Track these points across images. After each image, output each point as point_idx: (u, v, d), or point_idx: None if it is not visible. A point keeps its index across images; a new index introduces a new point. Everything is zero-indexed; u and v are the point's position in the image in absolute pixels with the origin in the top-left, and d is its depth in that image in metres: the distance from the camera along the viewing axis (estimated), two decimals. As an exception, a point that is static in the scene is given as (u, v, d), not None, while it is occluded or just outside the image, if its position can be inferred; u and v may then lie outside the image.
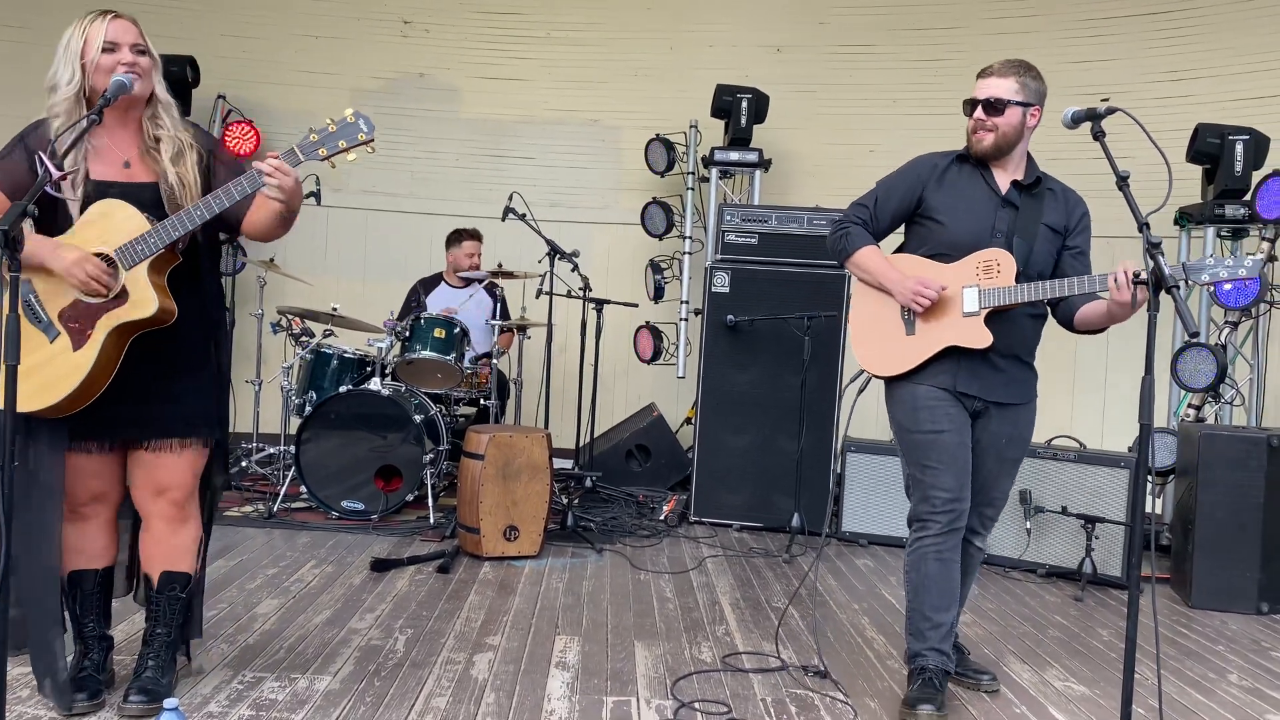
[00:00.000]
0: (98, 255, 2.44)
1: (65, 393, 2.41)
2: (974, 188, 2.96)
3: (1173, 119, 5.51)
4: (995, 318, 2.86)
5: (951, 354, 2.89)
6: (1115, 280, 2.61)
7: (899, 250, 3.08)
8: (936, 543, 2.89)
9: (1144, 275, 2.43)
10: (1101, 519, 4.35)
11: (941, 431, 2.89)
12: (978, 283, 2.86)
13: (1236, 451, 4.21)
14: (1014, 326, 2.91)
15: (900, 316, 2.96)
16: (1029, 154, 3.00)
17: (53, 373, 2.42)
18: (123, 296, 2.45)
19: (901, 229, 3.11)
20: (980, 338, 2.84)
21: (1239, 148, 5.29)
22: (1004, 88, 2.90)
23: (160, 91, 2.61)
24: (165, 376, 2.59)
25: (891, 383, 3.01)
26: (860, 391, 3.08)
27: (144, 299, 2.44)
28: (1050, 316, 3.00)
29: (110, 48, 2.49)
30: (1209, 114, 5.55)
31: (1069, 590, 4.34)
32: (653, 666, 3.15)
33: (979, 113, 2.92)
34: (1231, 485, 4.19)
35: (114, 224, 2.45)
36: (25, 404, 2.36)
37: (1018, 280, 2.83)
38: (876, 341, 3.01)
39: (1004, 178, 2.96)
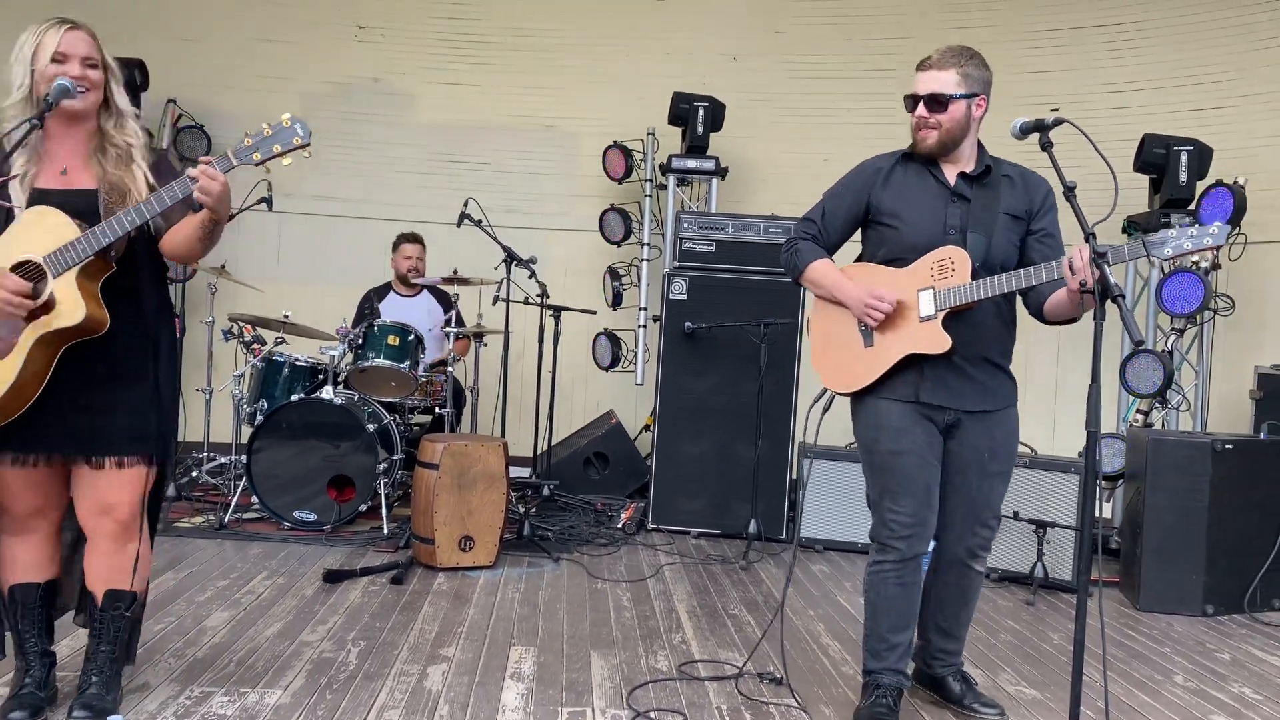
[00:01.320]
0: (26, 263, 2.39)
1: None
2: (922, 185, 2.83)
3: (1121, 129, 5.63)
4: (957, 320, 2.72)
5: (915, 363, 2.76)
6: (1070, 265, 2.48)
7: (859, 258, 2.97)
8: (897, 568, 2.80)
9: (1090, 285, 2.41)
10: (1052, 524, 4.41)
11: (902, 453, 2.77)
12: (933, 284, 2.73)
13: (1182, 456, 4.28)
14: (979, 328, 2.78)
15: (858, 328, 2.84)
16: (979, 143, 2.87)
17: None
18: (50, 304, 2.39)
19: (858, 236, 2.99)
20: (938, 342, 2.71)
21: (1184, 158, 5.41)
22: (945, 81, 2.75)
23: (121, 102, 2.57)
24: (99, 390, 2.52)
25: (856, 397, 2.89)
26: (825, 410, 2.97)
27: (71, 307, 2.39)
28: (1025, 312, 2.88)
29: (59, 59, 2.47)
30: (1156, 125, 5.67)
31: (1021, 595, 4.40)
32: (609, 676, 3.14)
33: (921, 110, 2.77)
34: (1178, 490, 4.26)
35: (43, 230, 2.40)
36: None
37: (975, 277, 2.69)
38: (835, 357, 2.89)
39: (952, 171, 2.83)
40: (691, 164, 6.38)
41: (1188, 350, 5.69)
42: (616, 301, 6.47)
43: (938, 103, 2.74)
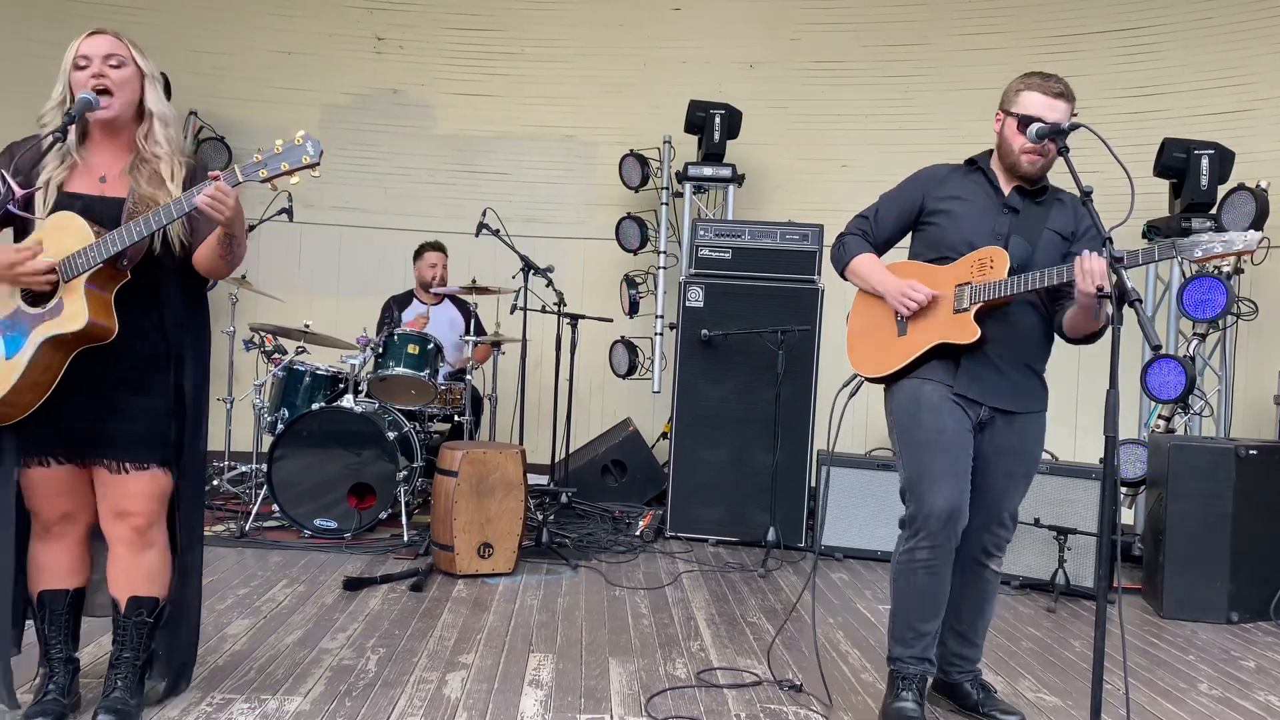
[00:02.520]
0: None
1: None
2: (976, 192, 2.90)
3: (1141, 134, 5.60)
4: (996, 319, 2.77)
5: (949, 355, 2.81)
6: (1080, 267, 2.52)
7: (909, 258, 3.03)
8: (928, 556, 2.77)
9: (1108, 289, 2.41)
10: (1073, 530, 4.38)
11: (943, 430, 2.76)
12: (970, 280, 2.78)
13: (1205, 462, 4.25)
14: (1016, 330, 2.82)
15: (894, 319, 2.92)
16: None
17: None
18: (59, 308, 2.42)
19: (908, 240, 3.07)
20: (967, 333, 2.75)
21: (1205, 162, 5.37)
22: (1068, 114, 2.75)
23: (155, 105, 2.59)
24: (114, 395, 2.54)
25: (892, 383, 2.93)
26: (851, 395, 3.02)
27: (75, 312, 2.41)
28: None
29: (82, 63, 2.51)
30: (1177, 129, 5.63)
31: (1042, 602, 4.37)
32: (627, 683, 3.13)
33: (1047, 140, 2.72)
34: (1201, 495, 4.23)
35: (63, 235, 2.43)
36: None
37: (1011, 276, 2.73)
38: (868, 344, 2.98)
39: (1008, 183, 2.89)
40: (708, 171, 6.38)
41: (1210, 355, 5.64)
42: (633, 309, 6.48)
43: (1062, 135, 2.70)
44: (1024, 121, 2.76)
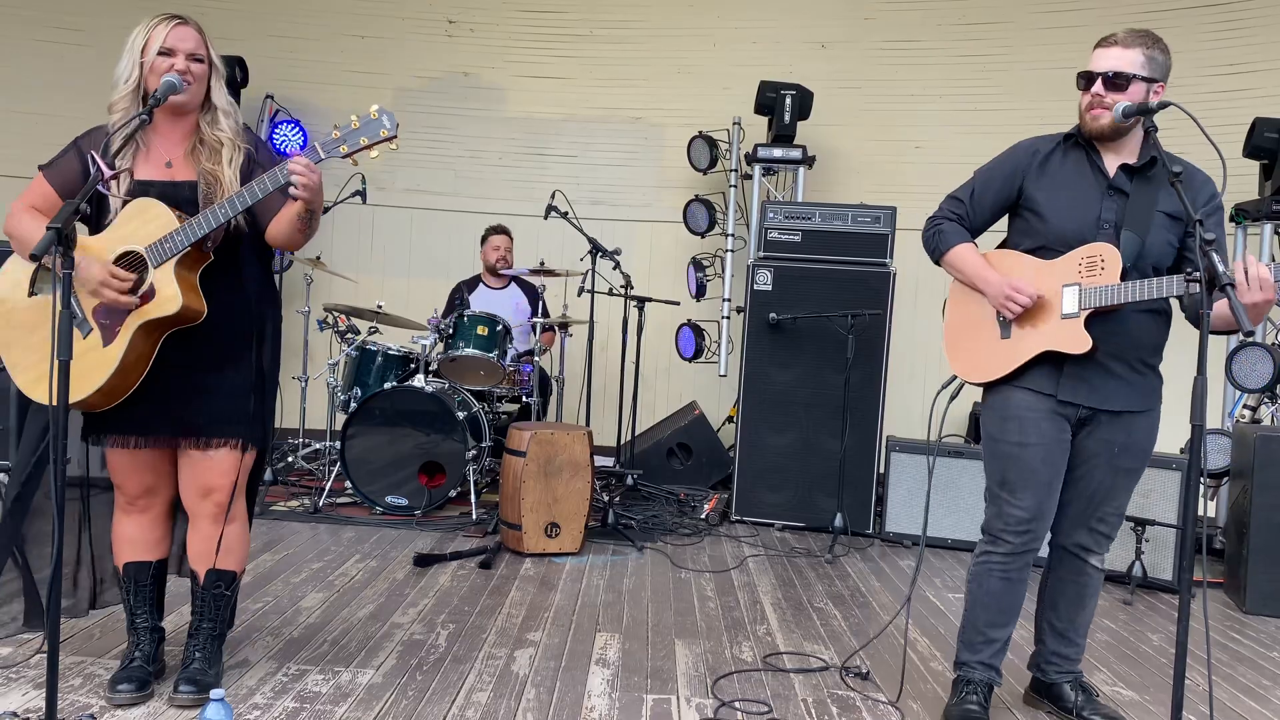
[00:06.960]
0: (129, 253, 2.48)
1: (94, 387, 2.46)
2: (1078, 174, 2.68)
3: (1230, 113, 5.40)
4: (1102, 319, 2.58)
5: (1054, 358, 2.64)
6: (1245, 274, 2.31)
7: (1003, 244, 2.85)
8: (1004, 562, 2.71)
9: (1196, 274, 2.30)
10: (1152, 521, 4.26)
11: (1026, 445, 2.66)
12: (1079, 281, 2.59)
13: (1293, 454, 4.10)
14: (1127, 326, 2.63)
15: (995, 318, 2.73)
16: (1145, 132, 2.65)
17: (84, 367, 2.46)
18: (150, 294, 2.48)
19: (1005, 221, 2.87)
20: (1079, 342, 2.57)
21: (1298, 142, 5.16)
22: (1128, 60, 2.58)
23: (219, 99, 2.64)
24: (200, 374, 2.61)
25: (989, 387, 2.78)
26: (952, 398, 2.89)
27: (168, 297, 2.47)
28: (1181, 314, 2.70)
29: (166, 52, 2.55)
30: (1268, 108, 5.42)
31: (1118, 594, 4.26)
32: (693, 665, 3.14)
33: (1097, 87, 2.60)
34: (1288, 488, 4.09)
35: (145, 221, 2.49)
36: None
37: (1124, 277, 2.54)
38: (969, 346, 2.80)
39: (1113, 161, 2.66)
40: (778, 153, 6.32)
41: (1300, 343, 5.43)
42: (700, 292, 6.45)
43: (1117, 83, 2.59)
44: (1081, 77, 2.66)
